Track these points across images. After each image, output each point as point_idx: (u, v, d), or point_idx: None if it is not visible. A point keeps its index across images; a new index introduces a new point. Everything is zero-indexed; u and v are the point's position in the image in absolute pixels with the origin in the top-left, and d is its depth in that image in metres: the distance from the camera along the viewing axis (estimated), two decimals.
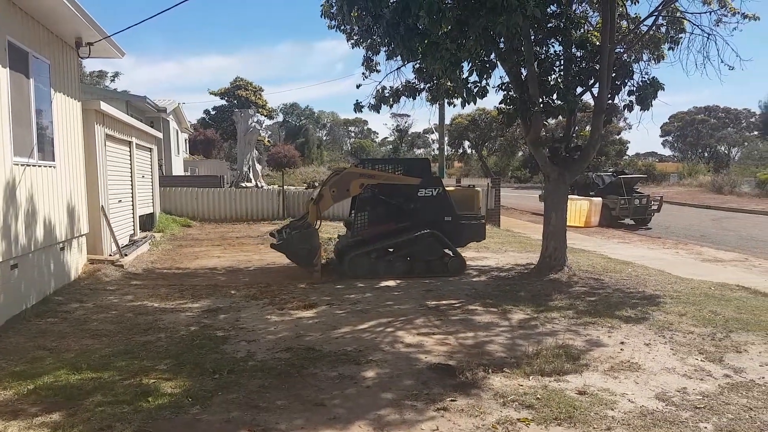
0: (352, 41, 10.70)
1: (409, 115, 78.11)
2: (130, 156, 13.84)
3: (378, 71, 11.19)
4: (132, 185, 13.98)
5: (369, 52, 10.90)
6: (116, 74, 53.79)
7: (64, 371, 5.22)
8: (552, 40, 10.30)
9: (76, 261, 9.70)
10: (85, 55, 9.94)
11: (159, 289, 9.02)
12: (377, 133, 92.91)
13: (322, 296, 8.46)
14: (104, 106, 11.22)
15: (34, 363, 5.50)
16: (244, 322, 7.10)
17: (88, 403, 4.52)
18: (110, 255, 11.21)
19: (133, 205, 14.07)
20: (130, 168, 13.88)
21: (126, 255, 11.38)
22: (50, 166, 8.43)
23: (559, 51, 10.37)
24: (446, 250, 10.33)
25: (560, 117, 10.83)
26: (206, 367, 5.39)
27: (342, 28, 10.59)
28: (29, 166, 7.57)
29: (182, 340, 6.35)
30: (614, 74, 9.96)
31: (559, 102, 9.95)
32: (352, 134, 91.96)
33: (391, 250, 10.19)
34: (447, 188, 10.79)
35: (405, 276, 9.87)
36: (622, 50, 10.31)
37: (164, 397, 4.68)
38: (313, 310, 7.75)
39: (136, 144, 14.33)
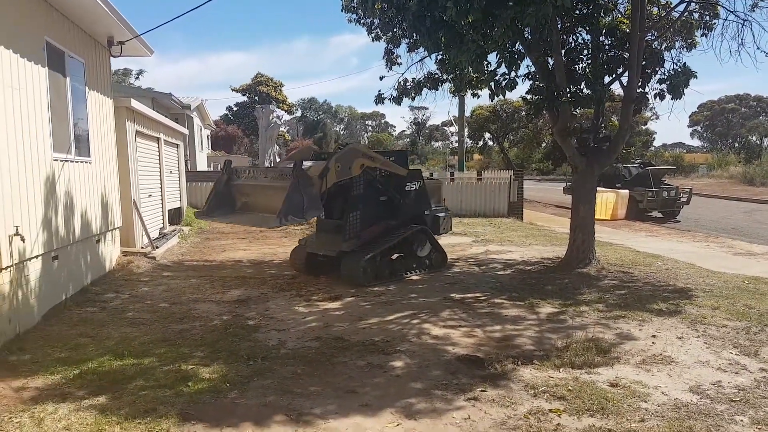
0: (373, 35, 10.70)
1: (427, 108, 78.10)
2: (159, 152, 14.12)
3: (399, 64, 11.06)
4: (161, 180, 14.27)
5: (390, 45, 10.87)
6: (140, 72, 54.79)
7: (107, 357, 5.45)
8: (580, 28, 10.10)
9: (111, 253, 9.98)
10: (117, 53, 10.16)
11: (190, 280, 9.26)
12: (394, 127, 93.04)
13: (347, 288, 8.58)
14: (134, 104, 11.48)
15: (78, 350, 5.73)
16: (274, 312, 7.29)
17: (131, 387, 4.72)
18: (142, 247, 11.50)
19: (162, 199, 14.36)
20: (159, 163, 14.17)
21: (157, 247, 11.67)
22: (86, 162, 8.68)
23: (587, 39, 10.16)
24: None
25: (588, 107, 10.65)
26: (241, 354, 5.58)
27: (362, 21, 10.61)
28: (67, 161, 7.81)
29: (216, 328, 6.56)
30: (644, 62, 9.73)
31: (588, 91, 9.79)
32: (369, 128, 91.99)
33: (396, 249, 9.65)
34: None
35: (403, 276, 9.44)
36: (652, 38, 10.11)
37: (203, 381, 4.87)
38: (338, 301, 7.88)
39: (164, 140, 14.60)
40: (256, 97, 56.18)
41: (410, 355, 5.60)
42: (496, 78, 9.21)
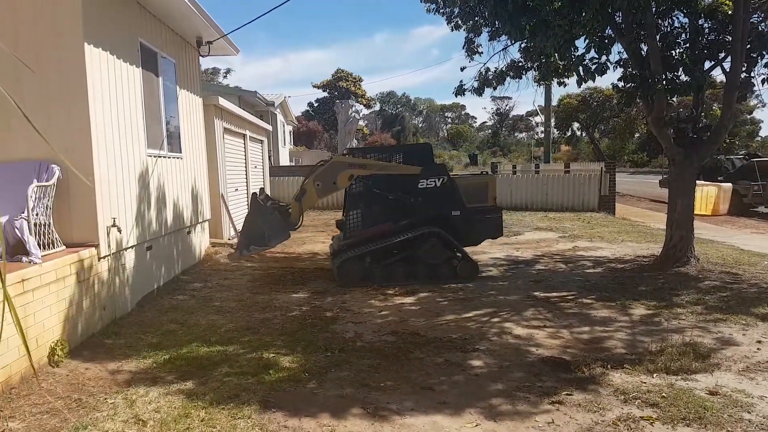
0: (453, 24, 10.48)
1: (510, 98, 76.08)
2: (245, 148, 14.62)
3: (480, 53, 10.73)
4: (246, 175, 14.78)
5: (471, 34, 10.59)
6: (228, 71, 57.30)
7: (195, 344, 5.68)
8: (676, 11, 9.44)
9: (201, 244, 10.44)
10: (205, 53, 10.58)
11: (272, 271, 9.54)
12: (475, 118, 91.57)
13: (424, 284, 8.46)
14: (222, 102, 11.92)
15: (168, 336, 6.02)
16: (350, 305, 7.34)
17: (217, 374, 4.89)
18: (229, 239, 11.98)
19: (248, 193, 14.85)
20: (245, 159, 14.67)
21: None
22: (177, 158, 9.10)
23: (685, 23, 9.51)
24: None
25: (686, 95, 9.95)
26: (318, 345, 5.66)
27: (442, 10, 10.43)
28: (160, 157, 8.21)
29: (295, 318, 6.70)
30: (749, 46, 8.97)
31: (685, 78, 9.11)
32: (449, 120, 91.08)
33: (394, 251, 8.82)
34: (456, 177, 9.34)
35: (405, 282, 8.47)
36: (758, 19, 9.34)
37: (284, 370, 4.97)
38: (415, 296, 7.82)
39: (250, 136, 15.11)
40: (336, 93, 57.12)
41: (490, 355, 5.44)
42: (585, 63, 8.77)
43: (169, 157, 8.64)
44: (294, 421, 4.04)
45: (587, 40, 8.63)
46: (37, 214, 5.49)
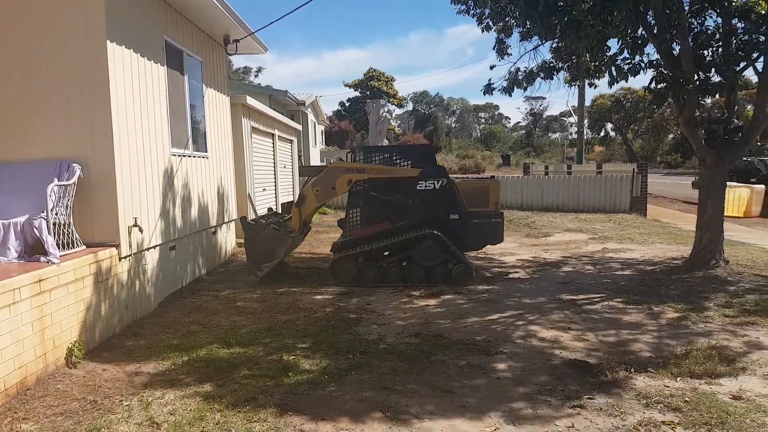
0: (483, 25, 10.38)
1: (544, 98, 75.52)
2: (273, 147, 14.70)
3: (510, 54, 10.63)
4: (275, 175, 14.85)
5: (501, 35, 10.51)
6: (260, 70, 57.82)
7: (216, 345, 5.69)
8: (710, 11, 9.25)
9: (226, 244, 10.50)
10: (232, 51, 10.64)
11: (298, 271, 9.53)
12: (509, 119, 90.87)
13: (449, 286, 8.36)
14: (250, 101, 11.99)
15: (189, 337, 6.04)
16: (374, 307, 7.28)
17: (236, 376, 4.87)
18: None
19: (276, 193, 14.94)
20: (273, 158, 14.74)
21: None
22: (203, 157, 9.16)
23: (718, 22, 9.29)
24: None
25: (718, 95, 9.75)
26: (341, 347, 5.61)
27: (472, 12, 10.32)
28: (185, 156, 8.27)
29: (319, 320, 6.66)
30: None
31: (718, 79, 8.95)
32: (482, 120, 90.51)
33: (385, 253, 8.76)
34: (456, 180, 9.22)
35: (400, 284, 8.45)
36: None
37: (303, 373, 4.93)
38: (439, 298, 7.72)
39: (279, 136, 15.18)
40: (368, 92, 57.20)
41: (514, 358, 5.34)
42: (617, 63, 8.59)
43: (194, 157, 8.69)
44: (311, 425, 3.99)
45: (620, 41, 8.48)
46: (56, 214, 5.55)
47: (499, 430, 3.93)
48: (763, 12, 8.66)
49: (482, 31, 10.29)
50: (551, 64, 10.33)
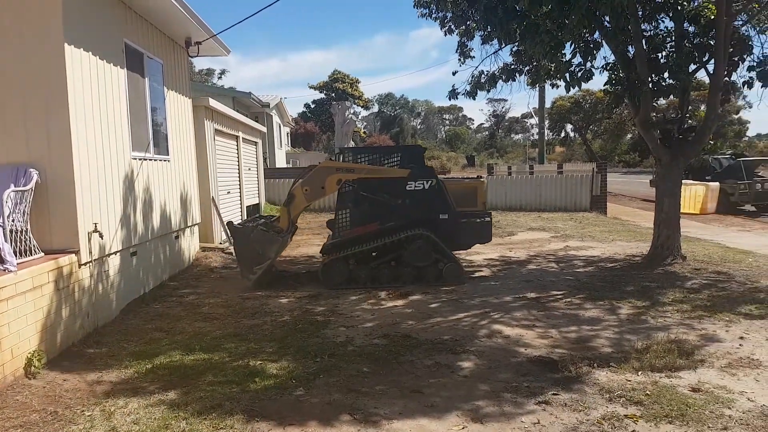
0: (446, 28, 10.51)
1: (506, 100, 76.86)
2: (237, 149, 14.53)
3: (472, 57, 10.78)
4: (239, 177, 14.68)
5: (463, 39, 10.64)
6: (223, 72, 57.19)
7: (179, 352, 5.59)
8: (662, 16, 9.59)
9: (190, 248, 10.34)
10: (194, 53, 10.49)
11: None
12: (472, 120, 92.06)
13: (416, 286, 8.42)
14: (213, 103, 11.83)
15: (152, 344, 5.93)
16: (342, 309, 7.27)
17: (200, 383, 4.80)
18: (220, 243, 11.87)
19: (240, 196, 14.77)
20: (238, 161, 14.57)
21: None
22: (165, 160, 9.00)
23: (670, 27, 9.65)
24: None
25: (672, 96, 10.09)
26: (308, 350, 5.59)
27: (434, 15, 10.44)
28: (146, 159, 8.12)
29: (286, 324, 6.62)
30: (731, 49, 9.13)
31: (671, 81, 9.31)
32: (447, 122, 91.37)
33: (373, 254, 8.78)
34: (444, 180, 9.31)
35: (391, 284, 8.44)
36: (740, 23, 9.42)
37: (270, 378, 4.89)
38: (407, 299, 7.76)
39: (243, 138, 15.01)
40: (333, 94, 57.07)
41: (480, 356, 5.42)
42: (572, 69, 8.84)
43: (155, 160, 8.54)
44: (279, 431, 3.97)
45: (572, 44, 8.70)
46: (13, 221, 5.39)
47: (467, 429, 3.98)
48: (712, 16, 9.00)
49: (445, 34, 10.47)
50: (512, 67, 10.50)
